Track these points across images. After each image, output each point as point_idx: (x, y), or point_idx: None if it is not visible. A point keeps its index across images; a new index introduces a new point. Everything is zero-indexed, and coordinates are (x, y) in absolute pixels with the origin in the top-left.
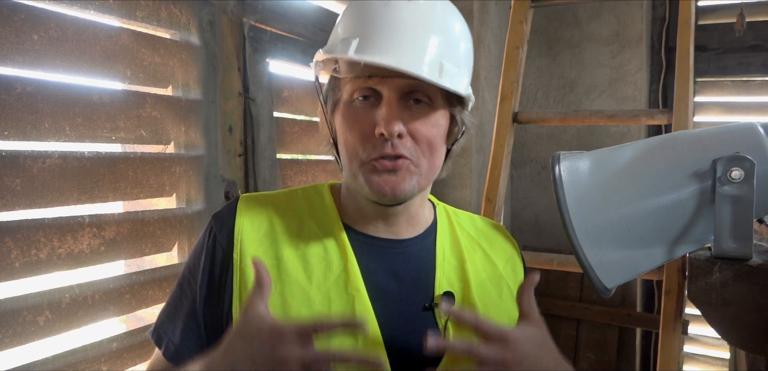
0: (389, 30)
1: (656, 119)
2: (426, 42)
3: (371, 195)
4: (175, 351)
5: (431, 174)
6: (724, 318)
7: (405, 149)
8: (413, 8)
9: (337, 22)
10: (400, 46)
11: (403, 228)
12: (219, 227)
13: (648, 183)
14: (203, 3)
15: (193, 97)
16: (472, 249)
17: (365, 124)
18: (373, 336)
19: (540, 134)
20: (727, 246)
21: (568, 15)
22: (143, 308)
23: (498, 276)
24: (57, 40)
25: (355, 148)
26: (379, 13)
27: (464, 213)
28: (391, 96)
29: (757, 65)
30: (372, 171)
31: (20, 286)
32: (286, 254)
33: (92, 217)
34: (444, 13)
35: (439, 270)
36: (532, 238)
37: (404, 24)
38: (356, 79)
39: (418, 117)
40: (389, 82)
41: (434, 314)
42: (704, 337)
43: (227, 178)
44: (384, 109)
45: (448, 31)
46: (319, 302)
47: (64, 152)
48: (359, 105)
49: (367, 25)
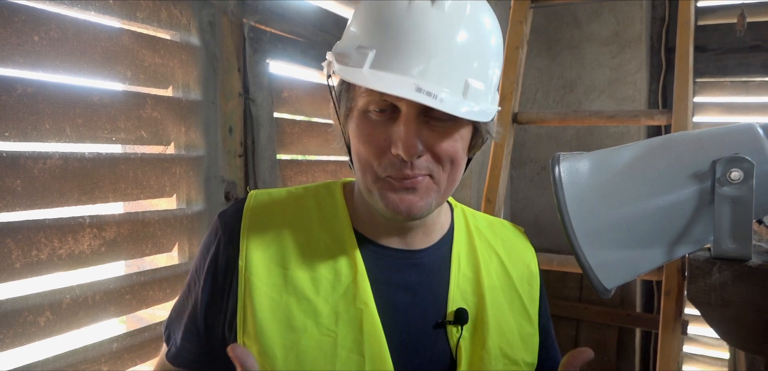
0: (412, 43)
1: (656, 120)
2: (450, 56)
3: (386, 213)
4: (176, 353)
5: (451, 188)
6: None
7: (424, 167)
8: (439, 13)
9: (351, 19)
10: (423, 65)
11: (417, 239)
12: (224, 229)
13: (647, 184)
14: (203, 4)
15: (193, 97)
16: (489, 257)
17: (381, 139)
18: (381, 353)
19: (540, 134)
20: (726, 246)
21: (568, 15)
22: (144, 309)
23: (512, 289)
24: (57, 41)
25: (370, 162)
26: (400, 18)
27: (483, 216)
28: (410, 113)
29: (757, 66)
30: (388, 188)
31: (21, 287)
32: (293, 263)
33: (93, 218)
34: (474, 16)
35: (452, 284)
36: (532, 238)
37: (429, 36)
38: (372, 91)
39: (439, 134)
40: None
41: (446, 331)
42: (704, 337)
43: (227, 178)
44: (402, 128)
45: (479, 42)
46: (326, 315)
47: (64, 153)
48: (375, 117)
49: (385, 33)
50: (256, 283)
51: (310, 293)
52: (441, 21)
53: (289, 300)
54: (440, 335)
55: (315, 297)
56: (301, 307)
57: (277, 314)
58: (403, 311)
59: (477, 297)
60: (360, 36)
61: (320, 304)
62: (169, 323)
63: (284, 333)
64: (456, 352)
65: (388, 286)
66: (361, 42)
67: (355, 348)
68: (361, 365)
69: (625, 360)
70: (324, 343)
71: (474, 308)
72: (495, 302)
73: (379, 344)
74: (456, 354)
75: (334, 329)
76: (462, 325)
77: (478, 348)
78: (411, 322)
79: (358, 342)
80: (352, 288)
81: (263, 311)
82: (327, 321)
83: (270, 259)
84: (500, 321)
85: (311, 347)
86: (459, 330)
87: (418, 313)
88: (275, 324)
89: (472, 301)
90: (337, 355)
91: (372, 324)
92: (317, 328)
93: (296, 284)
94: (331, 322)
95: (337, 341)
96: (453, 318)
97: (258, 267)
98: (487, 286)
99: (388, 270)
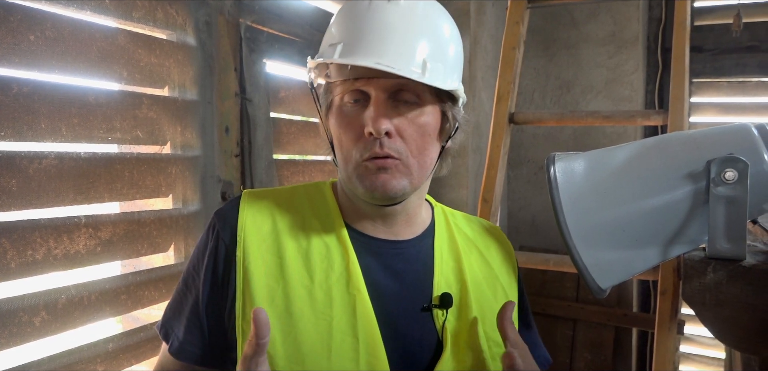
0: (373, 32)
1: (652, 120)
2: (409, 41)
3: (364, 195)
4: (179, 347)
5: (423, 172)
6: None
7: (393, 149)
8: (395, 9)
9: (328, 27)
10: (383, 47)
11: (401, 230)
12: (222, 224)
13: (642, 184)
14: (200, 3)
15: (189, 97)
16: (469, 250)
17: (356, 125)
18: (373, 335)
19: (536, 134)
20: (721, 246)
21: (565, 16)
22: (139, 308)
23: (493, 277)
24: (53, 41)
25: (349, 149)
26: (363, 16)
27: (461, 215)
28: (379, 96)
29: (753, 66)
30: (365, 171)
31: (16, 287)
32: (289, 252)
33: (88, 218)
34: (426, 13)
35: (437, 271)
36: (529, 238)
37: (387, 25)
38: (345, 82)
39: (407, 116)
40: (375, 82)
41: (432, 314)
42: (700, 337)
43: (224, 178)
44: (371, 109)
45: (433, 31)
46: (321, 300)
47: (60, 153)
48: (350, 108)
49: (351, 29)
50: (254, 272)
51: (306, 279)
52: (396, 13)
53: (285, 286)
54: (427, 318)
55: (310, 284)
56: (297, 293)
57: (274, 300)
58: (392, 296)
59: (460, 283)
60: (333, 35)
61: (315, 290)
62: (164, 322)
63: (282, 319)
64: (442, 334)
65: (377, 274)
66: (332, 39)
67: (349, 331)
68: (355, 347)
69: (621, 360)
70: (320, 327)
71: (458, 294)
72: (477, 288)
73: (371, 326)
74: (442, 336)
75: (330, 313)
76: (447, 309)
77: (463, 331)
78: (399, 307)
79: (352, 325)
80: (345, 274)
81: (261, 298)
82: (322, 306)
83: (266, 249)
84: (483, 305)
85: (308, 331)
86: (444, 314)
87: (405, 298)
88: (273, 311)
89: (455, 287)
90: (333, 338)
91: (365, 308)
92: (313, 313)
93: (292, 271)
94: (326, 307)
95: (332, 324)
96: (438, 302)
97: (255, 256)
98: (470, 274)
99: (377, 258)
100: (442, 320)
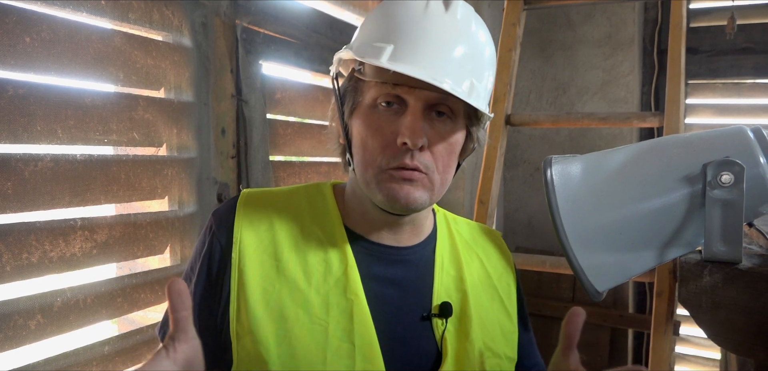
0: (428, 42)
1: (648, 121)
2: (461, 59)
3: (383, 203)
4: None
5: (443, 188)
6: (714, 321)
7: (422, 163)
8: (450, 20)
9: (364, 21)
10: (435, 59)
11: (406, 236)
12: (218, 225)
13: (639, 187)
14: (196, 5)
15: (185, 99)
16: (470, 257)
17: (388, 131)
18: (370, 342)
19: (533, 136)
20: (717, 249)
21: (561, 17)
22: (135, 311)
23: (492, 286)
24: (49, 43)
25: (374, 154)
26: (416, 22)
27: (463, 221)
28: (417, 106)
29: (748, 67)
30: (389, 179)
31: (11, 290)
32: (285, 255)
33: (84, 220)
34: (477, 29)
35: (437, 280)
36: (526, 240)
37: (440, 36)
38: (383, 84)
39: (440, 131)
40: (417, 92)
41: (432, 323)
42: (696, 338)
43: (220, 180)
44: (409, 119)
45: (479, 49)
46: (317, 305)
47: (56, 155)
48: (383, 111)
49: (401, 33)
50: (249, 274)
51: (302, 283)
52: (453, 26)
53: (281, 290)
54: (426, 328)
55: (307, 288)
56: (293, 297)
57: (269, 304)
58: (391, 304)
59: (460, 293)
60: (375, 35)
61: (312, 294)
62: (163, 323)
63: (277, 323)
64: (441, 344)
65: (377, 280)
66: (377, 40)
67: (345, 337)
68: (351, 353)
69: (617, 361)
70: (315, 332)
71: (458, 303)
72: (477, 298)
73: (368, 333)
74: (441, 346)
75: (326, 318)
76: (446, 318)
77: (463, 341)
78: (398, 315)
79: (348, 331)
80: (342, 279)
81: (256, 301)
82: (318, 311)
83: (263, 251)
84: (482, 316)
85: (303, 335)
86: (444, 323)
87: (405, 306)
88: (268, 314)
89: (455, 297)
90: (329, 343)
91: (362, 314)
92: (309, 318)
93: (288, 275)
94: (322, 312)
95: (328, 330)
96: (438, 311)
97: (251, 258)
98: (470, 284)
99: (377, 264)
100: (442, 329)
